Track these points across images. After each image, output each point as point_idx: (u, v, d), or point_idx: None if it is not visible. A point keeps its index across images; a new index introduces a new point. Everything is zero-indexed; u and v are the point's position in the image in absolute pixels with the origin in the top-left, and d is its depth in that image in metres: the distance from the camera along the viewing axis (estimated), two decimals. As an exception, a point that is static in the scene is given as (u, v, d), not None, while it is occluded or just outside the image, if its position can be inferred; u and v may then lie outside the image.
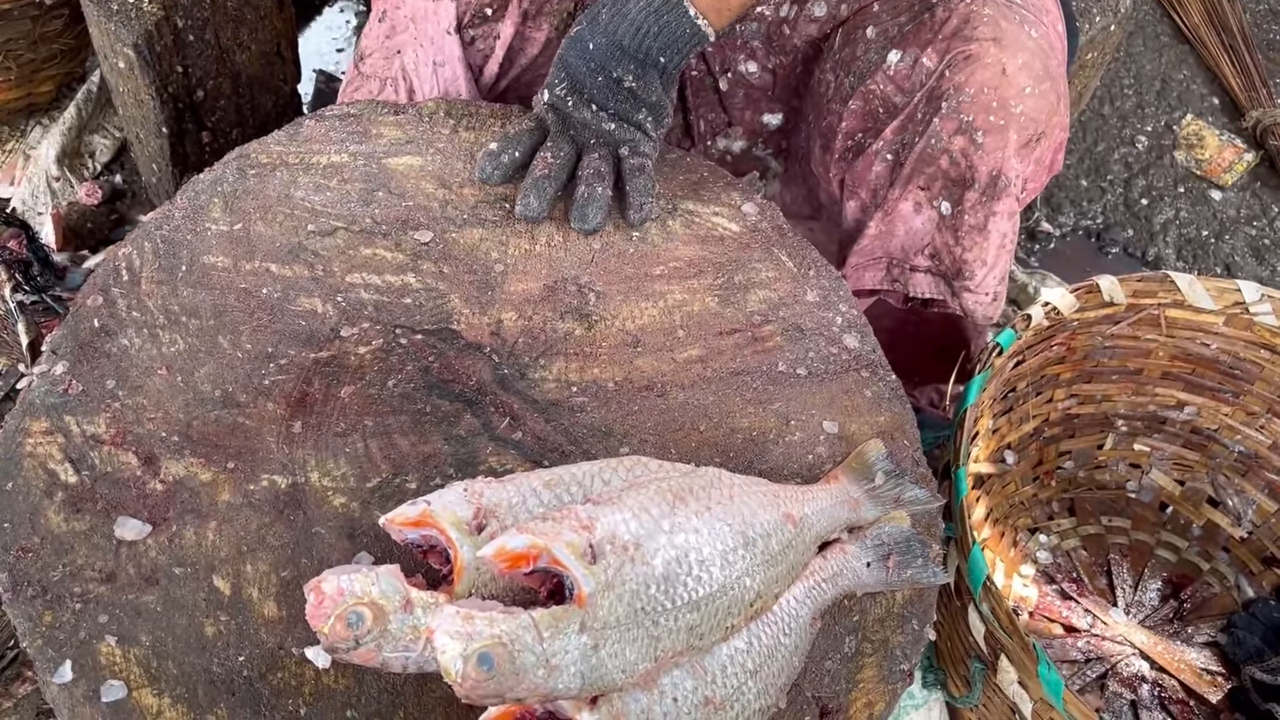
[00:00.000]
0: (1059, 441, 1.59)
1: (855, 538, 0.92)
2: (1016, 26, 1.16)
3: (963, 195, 1.21)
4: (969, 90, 1.16)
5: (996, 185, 1.19)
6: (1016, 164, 1.19)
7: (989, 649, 1.15)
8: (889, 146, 1.24)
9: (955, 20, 1.17)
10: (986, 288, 1.28)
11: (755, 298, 1.10)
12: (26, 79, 1.84)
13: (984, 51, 1.15)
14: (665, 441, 0.98)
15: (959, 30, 1.17)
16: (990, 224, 1.22)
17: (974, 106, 1.16)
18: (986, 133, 1.17)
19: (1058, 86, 1.19)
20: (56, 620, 0.81)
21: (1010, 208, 1.22)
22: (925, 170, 1.22)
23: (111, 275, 1.02)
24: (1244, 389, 1.48)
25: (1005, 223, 1.23)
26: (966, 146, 1.18)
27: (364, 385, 0.98)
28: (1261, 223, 2.30)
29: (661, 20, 1.07)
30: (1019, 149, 1.19)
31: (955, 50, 1.17)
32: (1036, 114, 1.17)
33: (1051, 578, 1.55)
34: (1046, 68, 1.18)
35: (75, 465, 0.89)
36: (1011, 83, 1.15)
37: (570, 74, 1.11)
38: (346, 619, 0.75)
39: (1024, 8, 1.19)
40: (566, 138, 1.12)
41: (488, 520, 0.80)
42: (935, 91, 1.18)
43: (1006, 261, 1.29)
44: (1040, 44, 1.18)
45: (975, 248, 1.24)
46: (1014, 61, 1.15)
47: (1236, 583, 1.55)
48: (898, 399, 1.05)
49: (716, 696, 0.78)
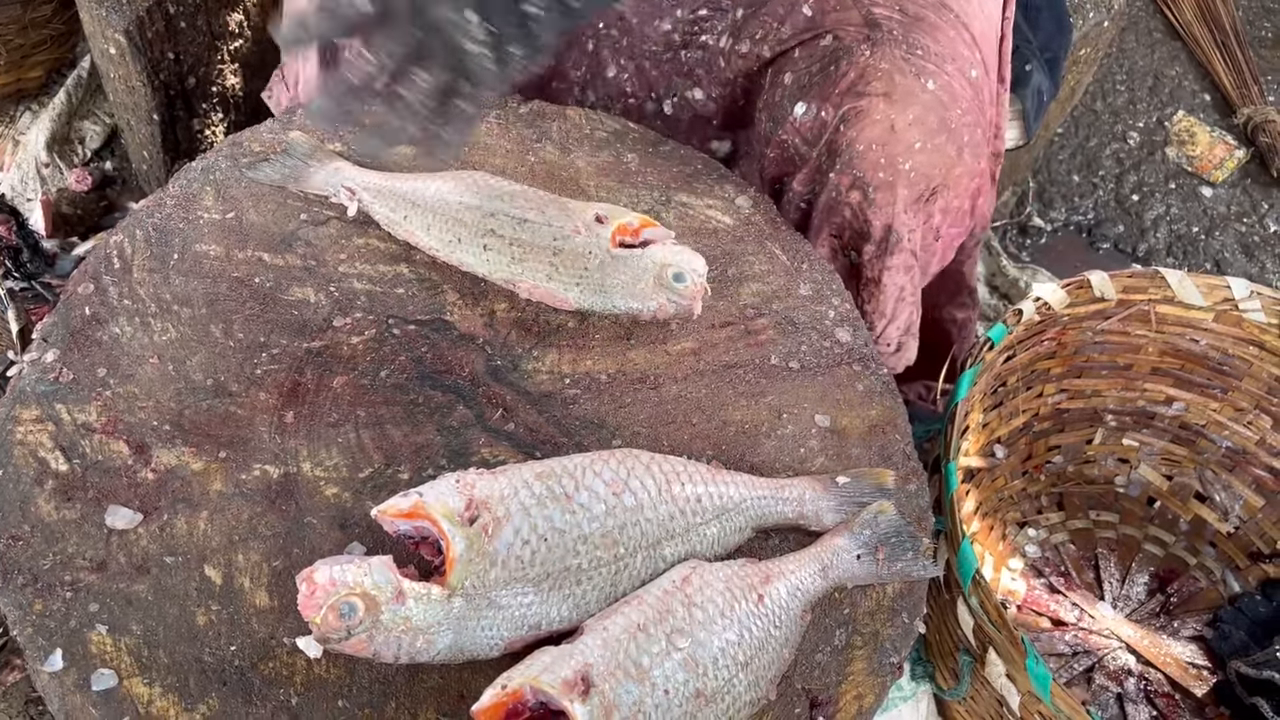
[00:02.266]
0: (1048, 436, 1.60)
1: (845, 529, 0.93)
2: (911, 79, 1.14)
3: (862, 247, 1.22)
4: (859, 146, 1.15)
5: (889, 240, 1.19)
6: (908, 219, 1.19)
7: (977, 642, 1.16)
8: (800, 196, 1.24)
9: (853, 74, 1.16)
10: (888, 339, 1.29)
11: (748, 291, 1.10)
12: (16, 64, 1.83)
13: (873, 107, 1.14)
14: (658, 434, 0.98)
15: (854, 85, 1.16)
16: (885, 278, 1.22)
17: (864, 162, 1.15)
18: (877, 188, 1.16)
19: (958, 138, 1.17)
20: (47, 609, 0.81)
21: (905, 261, 1.22)
22: (832, 220, 1.22)
23: (103, 263, 1.01)
24: (1232, 385, 1.49)
25: (901, 276, 1.23)
26: (861, 201, 1.18)
27: (356, 375, 0.97)
28: (1251, 219, 2.31)
29: None
30: (910, 204, 1.18)
31: (848, 105, 1.15)
32: (928, 169, 1.16)
33: (1040, 571, 1.56)
34: (943, 120, 1.15)
35: (66, 453, 0.89)
36: (900, 139, 1.14)
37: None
38: (339, 609, 0.75)
39: (925, 57, 1.16)
40: (406, 35, 0.82)
41: (480, 512, 0.80)
42: (833, 145, 1.18)
43: (909, 313, 1.30)
44: (938, 96, 1.15)
45: (873, 300, 1.25)
46: (904, 117, 1.14)
47: (1223, 577, 1.56)
48: (889, 393, 1.05)
49: (707, 689, 0.78)
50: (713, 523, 0.89)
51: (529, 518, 0.81)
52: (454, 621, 0.78)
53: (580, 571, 0.82)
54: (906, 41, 1.16)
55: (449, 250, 1.04)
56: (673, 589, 0.82)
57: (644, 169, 1.18)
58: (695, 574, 0.84)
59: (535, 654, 0.77)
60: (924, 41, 1.17)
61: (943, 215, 1.22)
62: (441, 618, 0.77)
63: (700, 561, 0.87)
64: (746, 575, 0.86)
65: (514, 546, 0.80)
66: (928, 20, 1.19)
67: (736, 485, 0.91)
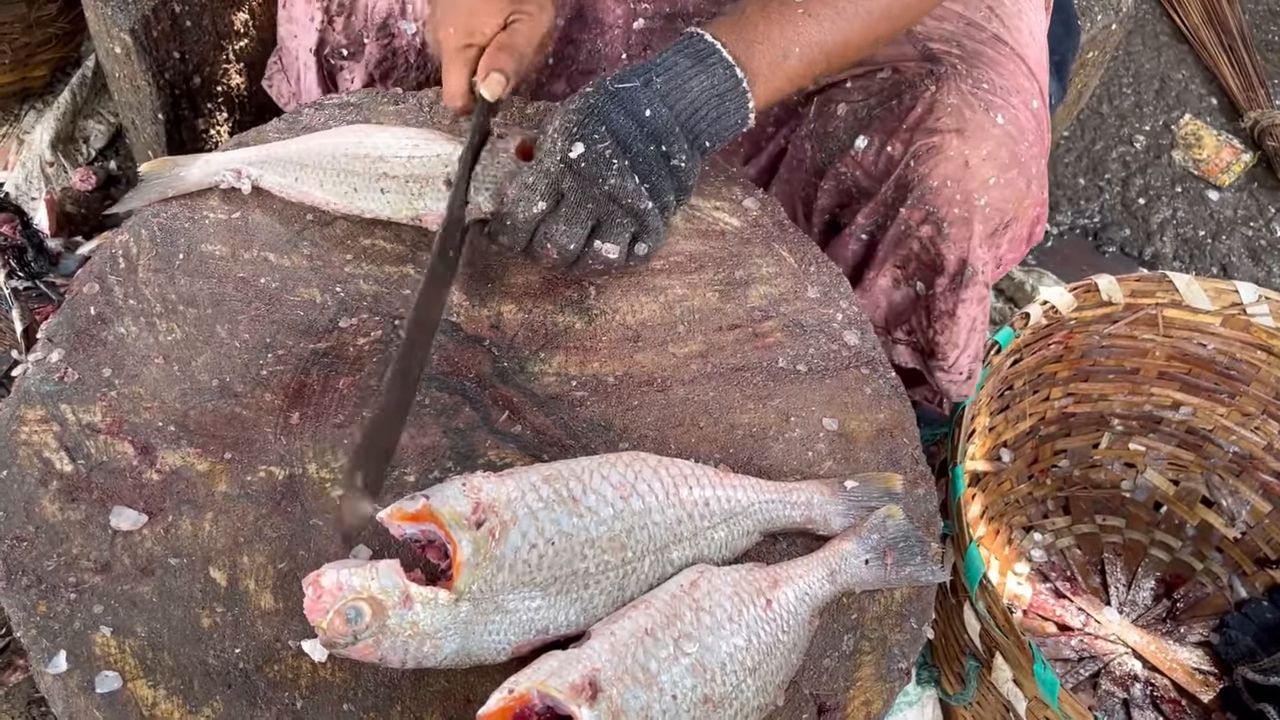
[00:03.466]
0: (1055, 440, 1.60)
1: (853, 534, 0.92)
2: (981, 114, 1.14)
3: (934, 279, 1.21)
4: (932, 183, 1.14)
5: (964, 274, 1.19)
6: (983, 253, 1.18)
7: (984, 647, 1.15)
8: (862, 228, 1.24)
9: (920, 109, 1.16)
10: (960, 368, 1.29)
11: (756, 293, 1.09)
12: (21, 63, 1.83)
13: (946, 144, 1.13)
14: (665, 436, 0.98)
15: (922, 120, 1.15)
16: (960, 310, 1.22)
17: (938, 198, 1.15)
18: (952, 224, 1.16)
19: (1027, 171, 1.17)
20: (51, 610, 0.81)
21: (979, 294, 1.22)
22: (898, 252, 1.22)
23: (108, 263, 1.01)
24: (1240, 390, 1.49)
25: (975, 308, 1.23)
26: (934, 235, 1.17)
27: (363, 377, 0.97)
28: (1258, 223, 2.30)
29: (723, 106, 0.98)
30: (985, 239, 1.17)
31: (919, 141, 1.15)
32: (1003, 204, 1.16)
33: (1046, 576, 1.56)
34: (1014, 155, 1.15)
35: (71, 454, 0.88)
36: (975, 175, 1.13)
37: (617, 135, 0.95)
38: (345, 614, 0.74)
39: (991, 92, 1.16)
40: (586, 210, 0.97)
41: (487, 515, 0.80)
42: (902, 180, 1.17)
43: (979, 341, 1.29)
44: (1007, 130, 1.15)
45: (946, 331, 1.25)
46: (977, 153, 1.13)
47: (1229, 583, 1.56)
48: (897, 396, 1.05)
49: (715, 694, 0.78)
50: (720, 526, 0.88)
51: (536, 521, 0.81)
52: (461, 626, 0.77)
53: (588, 575, 0.81)
54: (971, 76, 1.16)
55: (348, 201, 1.05)
56: (681, 593, 0.82)
57: (651, 170, 1.18)
58: (703, 578, 0.84)
59: (542, 658, 0.77)
60: (988, 75, 1.17)
61: (1009, 245, 1.22)
62: (448, 622, 0.77)
63: (708, 566, 0.86)
64: (754, 580, 0.85)
65: (521, 550, 0.79)
66: (986, 55, 1.18)
67: (744, 489, 0.91)
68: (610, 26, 1.29)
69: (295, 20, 1.37)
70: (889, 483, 0.96)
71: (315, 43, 1.34)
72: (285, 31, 1.41)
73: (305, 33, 1.35)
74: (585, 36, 1.30)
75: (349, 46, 1.33)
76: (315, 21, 1.33)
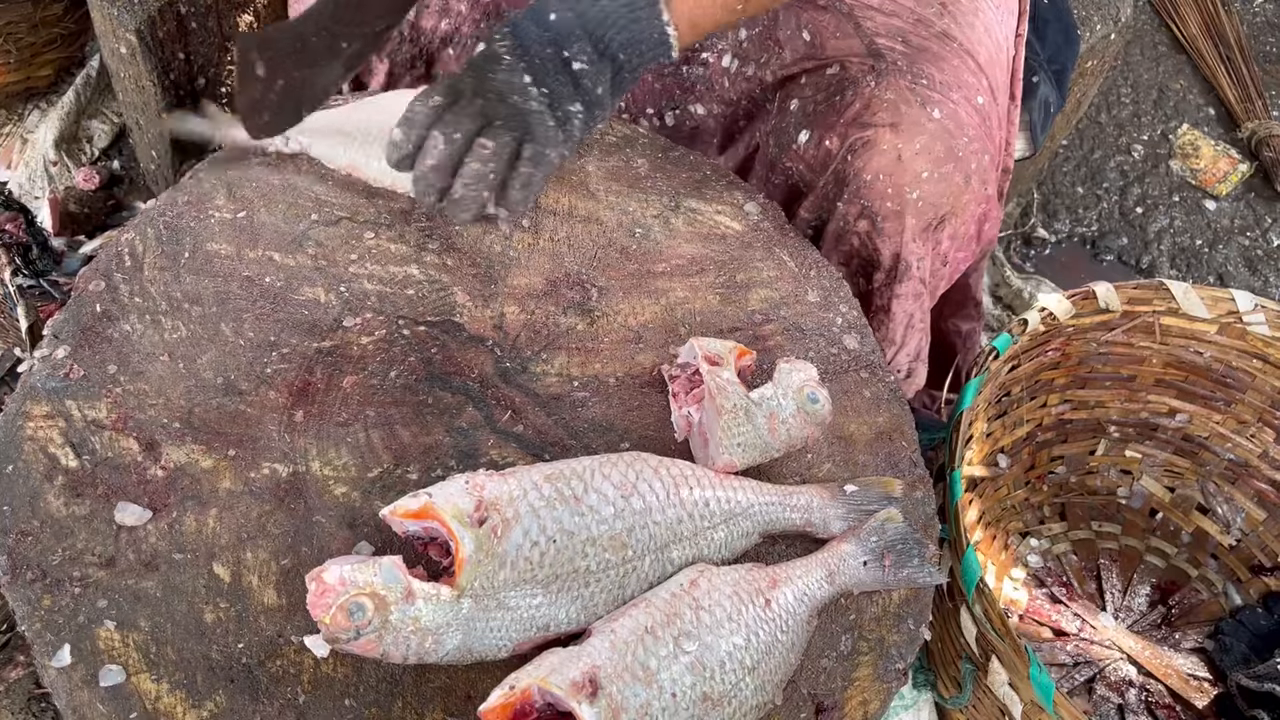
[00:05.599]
0: (1051, 446, 1.60)
1: (852, 535, 0.93)
2: (917, 109, 1.15)
3: (872, 275, 1.23)
4: (866, 176, 1.16)
5: (898, 268, 1.20)
6: (916, 247, 1.19)
7: (980, 650, 1.16)
8: (806, 223, 1.25)
9: (858, 104, 1.17)
10: (898, 365, 1.30)
11: (756, 297, 1.10)
12: (26, 62, 1.83)
13: (880, 138, 1.15)
14: (666, 437, 0.99)
15: (859, 115, 1.17)
16: (894, 305, 1.23)
17: (872, 192, 1.16)
18: (884, 218, 1.17)
19: (964, 166, 1.18)
20: (55, 604, 0.81)
21: (914, 289, 1.23)
22: (840, 248, 1.23)
23: (114, 260, 1.01)
24: (1235, 398, 1.49)
25: (910, 303, 1.24)
26: (870, 230, 1.19)
27: (366, 376, 0.98)
28: (1255, 233, 2.31)
29: (633, 14, 0.95)
30: (919, 233, 1.19)
31: (854, 135, 1.16)
32: (936, 198, 1.17)
33: (1042, 581, 1.56)
34: (949, 149, 1.16)
35: (76, 450, 0.89)
36: (907, 169, 1.15)
37: (519, 36, 0.94)
38: (348, 609, 0.75)
39: (930, 87, 1.17)
40: (474, 109, 0.92)
41: (489, 513, 0.80)
42: (840, 175, 1.19)
43: (918, 339, 1.30)
44: (944, 124, 1.16)
45: (882, 327, 1.26)
46: (910, 147, 1.14)
47: (1224, 590, 1.56)
48: (896, 400, 1.06)
49: (714, 692, 0.78)
50: (720, 527, 0.89)
51: (538, 519, 0.81)
52: (463, 622, 0.78)
53: (588, 573, 0.82)
54: (911, 72, 1.17)
55: (396, 177, 1.06)
56: (681, 592, 0.83)
57: (653, 174, 1.19)
58: (703, 578, 0.84)
59: (543, 655, 0.77)
60: (929, 71, 1.17)
61: (950, 241, 1.22)
62: (450, 618, 0.77)
63: (708, 565, 0.87)
64: (754, 580, 0.86)
65: (523, 548, 0.80)
66: (931, 50, 1.19)
67: (745, 490, 0.91)
68: None
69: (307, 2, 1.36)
70: (888, 487, 0.97)
71: None
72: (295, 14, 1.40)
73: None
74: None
75: None
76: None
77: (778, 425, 0.94)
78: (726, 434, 0.92)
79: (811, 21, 1.20)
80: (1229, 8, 2.67)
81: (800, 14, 1.21)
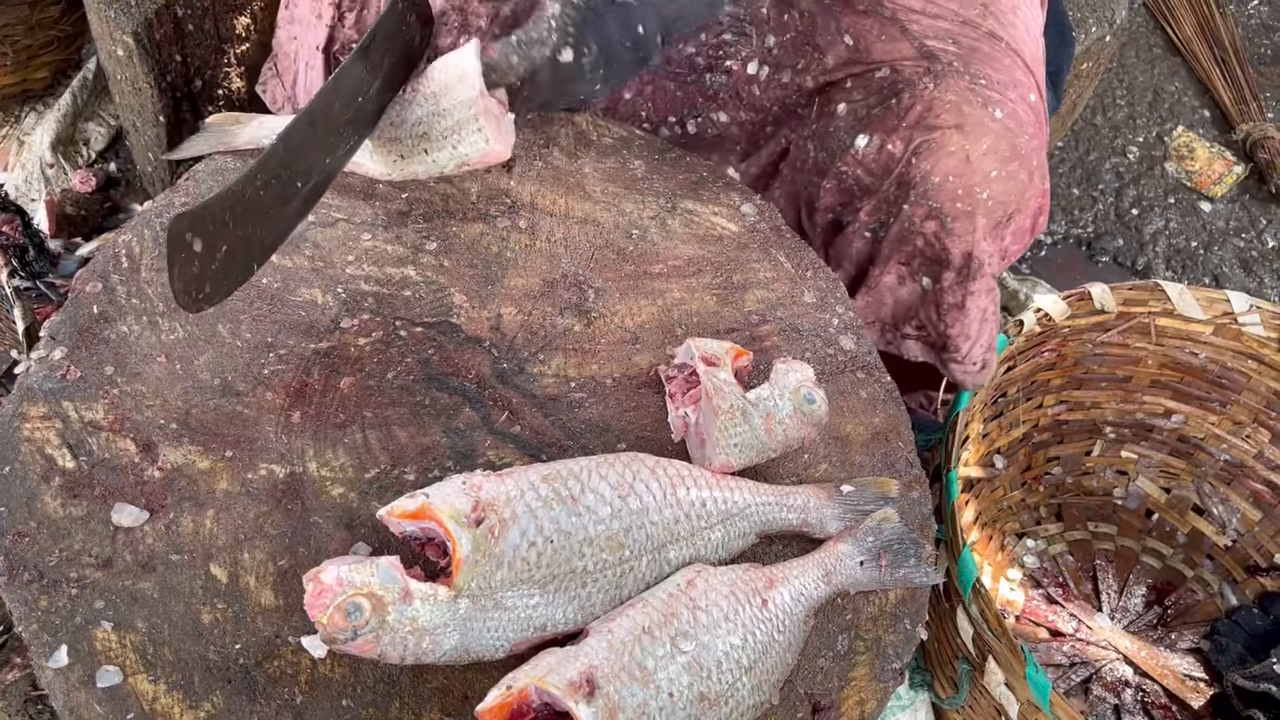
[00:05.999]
0: (1048, 447, 1.61)
1: (849, 535, 0.93)
2: (979, 109, 1.16)
3: (940, 274, 1.23)
4: (935, 178, 1.16)
5: (970, 266, 1.21)
6: (987, 245, 1.20)
7: (977, 651, 1.16)
8: (865, 226, 1.25)
9: (919, 107, 1.17)
10: (974, 358, 1.30)
11: (753, 298, 1.11)
12: (22, 64, 1.83)
13: (947, 139, 1.15)
14: (663, 438, 0.99)
15: (922, 118, 1.17)
16: (969, 302, 1.24)
17: (941, 194, 1.17)
18: (955, 219, 1.17)
19: (1028, 163, 1.19)
20: (52, 605, 0.81)
21: (987, 285, 1.24)
22: (903, 249, 1.23)
23: (111, 262, 1.02)
24: (1231, 398, 1.50)
25: (984, 299, 1.25)
26: (938, 230, 1.19)
27: (363, 377, 0.98)
28: (1250, 235, 2.32)
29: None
30: (989, 231, 1.19)
31: (919, 138, 1.17)
32: (1005, 196, 1.18)
33: (1038, 582, 1.56)
34: (1014, 147, 1.17)
35: (73, 451, 0.89)
36: (976, 169, 1.15)
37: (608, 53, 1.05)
38: (345, 610, 0.75)
39: (989, 87, 1.18)
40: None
41: (486, 513, 0.81)
42: (904, 178, 1.19)
43: (991, 331, 1.31)
44: (1006, 124, 1.17)
45: (957, 324, 1.26)
46: (977, 148, 1.15)
47: (1220, 590, 1.57)
48: (893, 400, 1.06)
49: (711, 692, 0.79)
50: (717, 527, 0.89)
51: (535, 520, 0.81)
52: (460, 622, 0.78)
53: (585, 574, 0.82)
54: (969, 73, 1.17)
55: (398, 170, 1.09)
56: (678, 592, 0.83)
57: (650, 175, 1.19)
58: (700, 578, 0.84)
59: (540, 655, 0.78)
60: (985, 71, 1.18)
61: (1013, 236, 1.23)
62: (448, 619, 0.77)
63: (705, 565, 0.87)
64: (751, 580, 0.86)
65: (520, 548, 0.80)
66: (982, 50, 1.20)
67: (741, 491, 0.92)
68: None
69: (299, 20, 1.38)
70: (884, 487, 0.97)
71: (324, 39, 1.35)
72: (285, 34, 1.42)
73: (311, 31, 1.36)
74: None
75: (357, 42, 1.33)
76: (325, 18, 1.34)
77: (774, 426, 0.95)
78: (723, 434, 0.92)
79: (853, 26, 1.21)
80: (1224, 10, 2.68)
81: (840, 19, 1.22)
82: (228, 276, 0.90)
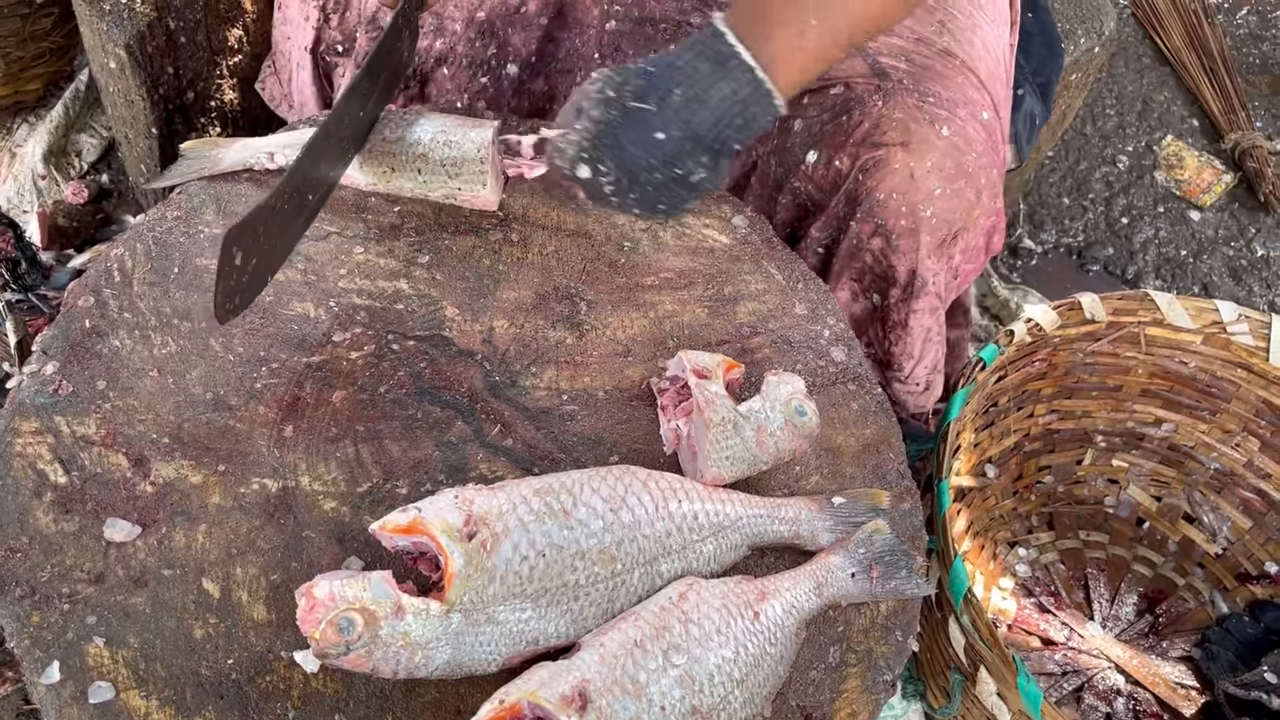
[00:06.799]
0: (1039, 456, 1.61)
1: (840, 547, 0.93)
2: (926, 127, 1.16)
3: (888, 291, 1.24)
4: (879, 195, 1.17)
5: (914, 284, 1.21)
6: (931, 263, 1.21)
7: (969, 660, 1.17)
8: (818, 241, 1.26)
9: (867, 124, 1.18)
10: (917, 379, 1.31)
11: (744, 310, 1.11)
12: (14, 76, 1.83)
13: (892, 156, 1.16)
14: (655, 451, 0.99)
15: (869, 135, 1.17)
16: (912, 320, 1.24)
17: (885, 211, 1.17)
18: (899, 235, 1.18)
19: (975, 182, 1.18)
20: (44, 621, 0.81)
21: (931, 304, 1.25)
22: (853, 265, 1.24)
23: (103, 276, 1.02)
24: (1220, 407, 1.51)
25: (928, 318, 1.25)
26: (884, 247, 1.20)
27: (356, 390, 0.98)
28: (1239, 243, 2.33)
29: (748, 111, 0.94)
30: (934, 249, 1.20)
31: (865, 155, 1.17)
32: (949, 214, 1.18)
33: (1030, 591, 1.57)
34: (960, 165, 1.17)
35: (65, 466, 0.89)
36: (920, 187, 1.16)
37: (624, 165, 0.93)
38: (338, 624, 0.75)
39: (938, 104, 1.18)
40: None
41: (479, 527, 0.81)
42: (851, 194, 1.19)
43: (935, 352, 1.31)
44: (953, 141, 1.17)
45: (900, 342, 1.27)
46: (922, 165, 1.15)
47: (1211, 598, 1.57)
48: (883, 412, 1.06)
49: (703, 705, 0.79)
50: (709, 540, 0.89)
51: (527, 533, 0.82)
52: (452, 637, 0.78)
53: (578, 587, 0.82)
54: (918, 90, 1.18)
55: (385, 181, 1.11)
56: (669, 605, 0.83)
57: (642, 188, 1.19)
58: (692, 591, 0.85)
59: (533, 669, 0.78)
60: (934, 89, 1.18)
61: (962, 255, 1.24)
62: (440, 633, 0.78)
63: (697, 578, 0.87)
64: (742, 592, 0.86)
65: (512, 562, 0.80)
66: (934, 68, 1.20)
67: (733, 503, 0.92)
68: (588, 27, 1.31)
69: (290, 21, 1.39)
70: (875, 499, 0.97)
71: (311, 41, 1.36)
72: (279, 34, 1.42)
73: (300, 32, 1.37)
74: (565, 35, 1.32)
75: (344, 43, 1.35)
76: (311, 20, 1.35)
77: (766, 438, 0.95)
78: (715, 447, 0.93)
79: None
80: (1212, 20, 2.70)
81: None
82: (250, 288, 0.92)
